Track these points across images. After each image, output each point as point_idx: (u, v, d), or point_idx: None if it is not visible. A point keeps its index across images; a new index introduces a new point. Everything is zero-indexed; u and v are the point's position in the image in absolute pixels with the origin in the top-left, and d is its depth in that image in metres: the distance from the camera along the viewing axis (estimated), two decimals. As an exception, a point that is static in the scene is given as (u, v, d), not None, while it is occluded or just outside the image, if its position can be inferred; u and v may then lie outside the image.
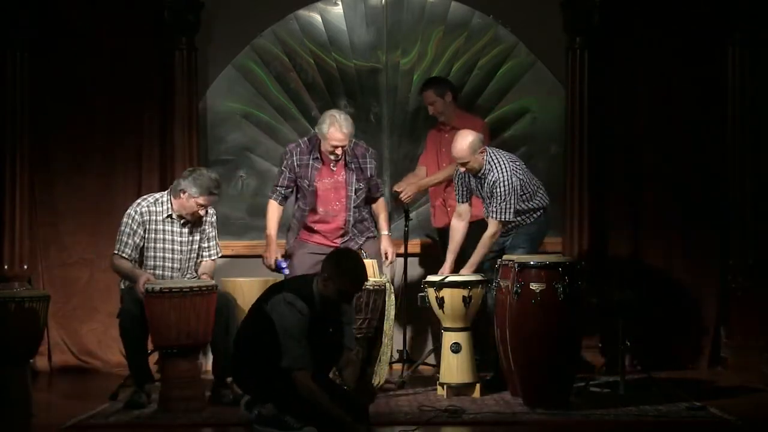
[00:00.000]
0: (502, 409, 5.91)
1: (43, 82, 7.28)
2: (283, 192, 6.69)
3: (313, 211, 6.63)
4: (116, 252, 6.20)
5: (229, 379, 6.11)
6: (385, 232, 6.72)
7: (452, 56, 7.49)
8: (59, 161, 7.33)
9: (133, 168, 7.32)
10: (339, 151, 6.53)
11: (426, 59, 7.49)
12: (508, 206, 6.33)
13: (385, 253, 6.66)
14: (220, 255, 6.46)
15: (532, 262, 5.91)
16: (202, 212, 6.24)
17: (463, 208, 6.58)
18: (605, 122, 7.31)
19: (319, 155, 6.61)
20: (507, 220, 6.37)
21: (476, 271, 6.37)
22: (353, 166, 6.63)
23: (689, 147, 7.30)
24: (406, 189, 7.04)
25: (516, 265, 5.91)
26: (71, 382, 6.87)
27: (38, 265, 7.30)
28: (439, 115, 7.09)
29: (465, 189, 6.56)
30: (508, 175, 6.33)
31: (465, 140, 6.34)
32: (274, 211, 6.69)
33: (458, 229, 6.56)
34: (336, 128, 6.48)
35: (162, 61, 7.32)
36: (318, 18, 7.50)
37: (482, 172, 6.40)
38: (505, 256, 6.26)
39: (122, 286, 6.26)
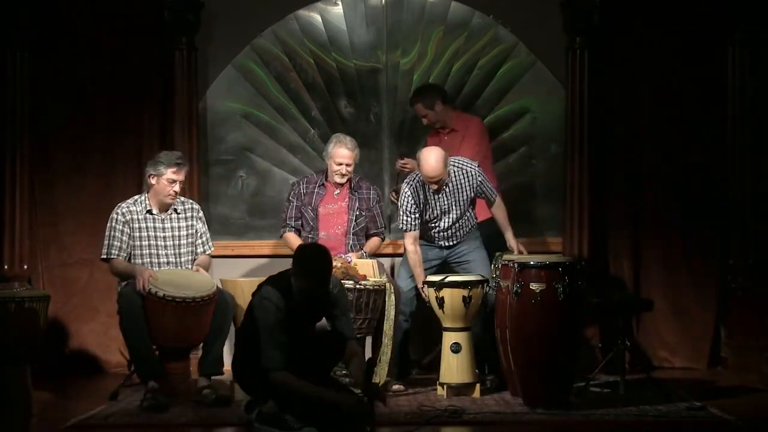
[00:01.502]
0: (502, 409, 5.91)
1: (43, 82, 7.27)
2: (293, 224, 6.78)
3: (316, 236, 6.68)
4: (105, 256, 6.28)
5: (217, 377, 6.14)
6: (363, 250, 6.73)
7: (452, 56, 7.48)
8: (59, 161, 7.32)
9: (133, 168, 7.30)
10: (344, 170, 6.67)
11: (426, 59, 7.49)
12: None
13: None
14: (212, 249, 6.58)
15: (532, 262, 5.91)
16: (177, 188, 6.33)
17: (417, 233, 6.56)
18: (605, 122, 7.30)
19: (324, 183, 6.77)
20: None
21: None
22: (357, 194, 6.78)
23: (689, 147, 7.29)
24: (409, 161, 7.03)
25: (516, 265, 5.91)
26: (71, 382, 6.87)
27: (38, 265, 7.30)
28: (434, 123, 7.09)
29: (418, 215, 6.53)
30: (474, 163, 6.59)
31: (438, 159, 6.35)
32: (293, 237, 6.78)
33: (419, 253, 6.53)
34: (341, 145, 6.72)
35: (162, 61, 7.31)
36: (318, 18, 7.50)
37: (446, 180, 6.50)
38: (505, 257, 6.27)
39: (120, 287, 6.26)
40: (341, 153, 6.72)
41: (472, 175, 6.54)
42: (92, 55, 7.30)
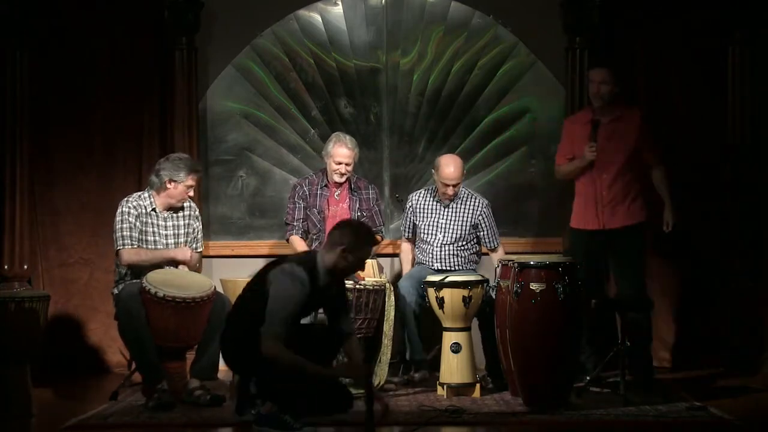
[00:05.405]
0: (502, 409, 5.91)
1: (43, 82, 7.27)
2: (300, 225, 6.77)
3: (322, 238, 6.64)
4: (122, 246, 6.18)
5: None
6: None
7: (452, 56, 7.48)
8: (59, 161, 7.33)
9: (133, 168, 7.31)
10: (343, 169, 6.67)
11: (426, 59, 7.49)
12: None
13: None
14: (202, 249, 6.57)
15: (532, 262, 5.90)
16: (191, 194, 6.33)
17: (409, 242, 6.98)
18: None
19: (327, 184, 6.78)
20: None
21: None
22: (356, 195, 6.81)
23: (689, 146, 7.29)
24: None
25: (516, 265, 5.91)
26: (71, 382, 6.87)
27: (38, 265, 7.30)
28: (604, 98, 6.49)
29: (412, 224, 6.89)
30: (485, 200, 6.85)
31: (457, 166, 6.65)
32: (299, 241, 6.78)
33: (410, 250, 7.00)
34: (341, 144, 6.72)
35: (162, 61, 7.32)
36: (318, 18, 7.50)
37: (457, 196, 6.73)
38: (505, 257, 6.27)
39: (115, 291, 6.24)
40: (341, 152, 6.71)
41: (478, 204, 6.75)
42: (92, 54, 7.30)
